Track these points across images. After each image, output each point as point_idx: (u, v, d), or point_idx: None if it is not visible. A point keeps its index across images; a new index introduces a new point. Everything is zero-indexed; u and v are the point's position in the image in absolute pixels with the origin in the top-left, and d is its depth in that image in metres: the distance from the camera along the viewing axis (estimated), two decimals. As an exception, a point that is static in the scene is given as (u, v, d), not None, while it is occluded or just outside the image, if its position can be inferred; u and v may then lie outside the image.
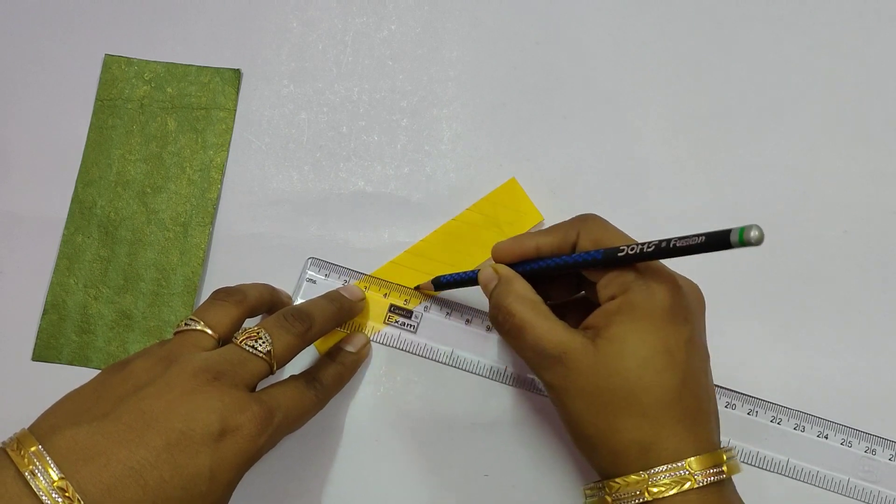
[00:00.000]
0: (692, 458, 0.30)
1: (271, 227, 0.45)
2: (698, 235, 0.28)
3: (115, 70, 0.47)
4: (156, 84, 0.46)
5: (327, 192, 0.45)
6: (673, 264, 0.33)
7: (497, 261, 0.37)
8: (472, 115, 0.46)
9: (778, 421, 0.40)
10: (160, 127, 0.46)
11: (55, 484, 0.27)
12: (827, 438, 0.40)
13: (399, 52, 0.47)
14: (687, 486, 0.30)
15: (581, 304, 0.38)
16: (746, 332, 0.42)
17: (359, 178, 0.45)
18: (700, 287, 0.34)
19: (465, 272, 0.40)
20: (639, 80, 0.46)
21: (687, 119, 0.45)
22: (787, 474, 0.40)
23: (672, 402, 0.31)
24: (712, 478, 0.30)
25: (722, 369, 0.42)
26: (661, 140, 0.45)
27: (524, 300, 0.34)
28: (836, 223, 0.44)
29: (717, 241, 0.28)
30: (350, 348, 0.40)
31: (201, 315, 0.35)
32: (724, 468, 0.31)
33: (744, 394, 0.41)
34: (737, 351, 0.42)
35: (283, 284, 0.43)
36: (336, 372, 0.38)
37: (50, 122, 0.46)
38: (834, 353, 0.42)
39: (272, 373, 0.34)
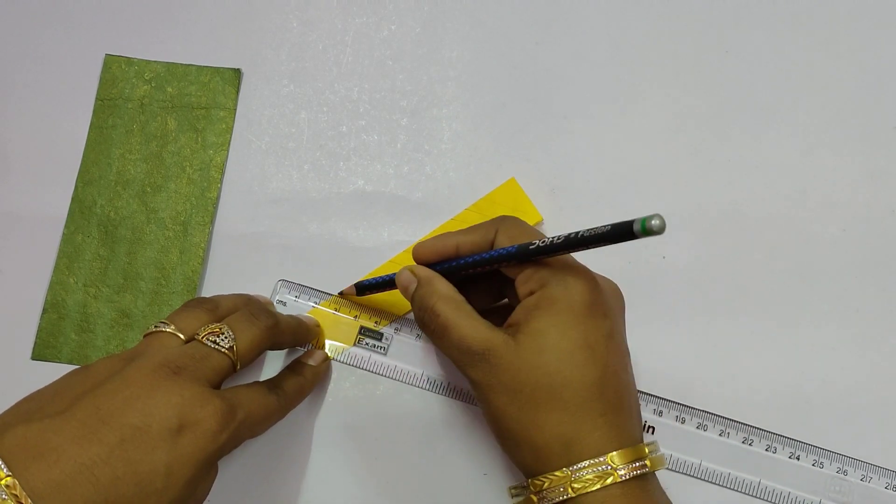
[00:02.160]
0: (614, 453, 0.30)
1: (271, 227, 0.45)
2: (605, 226, 0.29)
3: (115, 70, 0.47)
4: (156, 84, 0.47)
5: (327, 192, 0.45)
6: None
7: (418, 260, 0.37)
8: (472, 115, 0.46)
9: (749, 442, 0.40)
10: (160, 126, 0.46)
11: (2, 482, 0.26)
12: (798, 459, 0.40)
13: (399, 52, 0.47)
14: (609, 480, 0.30)
15: (505, 312, 0.39)
16: (744, 332, 0.42)
17: (359, 178, 0.45)
18: (619, 287, 0.35)
19: (384, 275, 0.40)
20: (639, 80, 0.46)
21: (686, 119, 0.45)
22: (758, 496, 0.39)
23: (593, 397, 0.31)
24: (635, 472, 0.30)
25: (720, 369, 0.42)
26: (660, 140, 0.45)
27: (447, 299, 0.34)
28: (835, 222, 0.44)
29: (622, 231, 0.28)
30: (311, 362, 0.40)
31: (172, 319, 0.34)
32: (647, 462, 0.31)
33: (715, 414, 0.41)
34: (736, 350, 0.42)
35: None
36: (297, 383, 0.38)
37: (50, 122, 0.46)
38: (833, 353, 0.42)
39: (235, 370, 0.34)
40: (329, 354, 0.42)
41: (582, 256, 0.35)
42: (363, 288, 0.41)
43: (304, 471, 0.41)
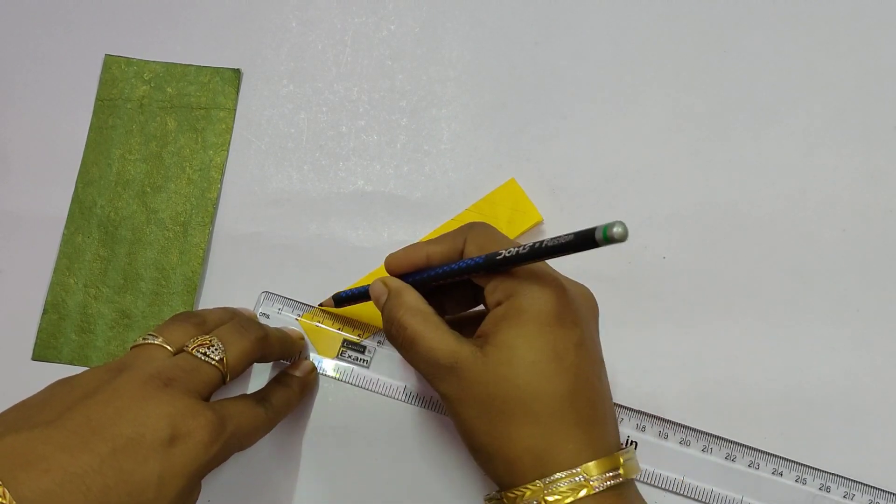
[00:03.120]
0: (588, 464, 0.30)
1: (271, 227, 0.45)
2: (567, 235, 0.28)
3: (115, 70, 0.47)
4: (155, 84, 0.47)
5: (327, 192, 0.45)
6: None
7: (390, 271, 0.36)
8: (471, 115, 0.46)
9: (732, 458, 0.40)
10: (160, 127, 0.46)
11: None
12: (781, 476, 0.40)
13: (399, 52, 0.47)
14: (583, 493, 0.29)
15: (480, 318, 0.38)
16: (744, 332, 0.42)
17: (358, 178, 0.45)
18: (592, 291, 0.34)
19: (361, 287, 0.39)
20: (638, 80, 0.46)
21: (686, 118, 0.45)
22: None
23: (564, 408, 0.30)
24: (609, 482, 0.30)
25: (720, 369, 0.42)
26: (660, 140, 0.45)
27: (415, 312, 0.33)
28: (835, 222, 0.44)
29: (584, 240, 0.27)
30: (297, 373, 0.40)
31: (160, 332, 0.34)
32: (621, 471, 0.30)
33: (698, 430, 0.40)
34: (736, 350, 0.42)
35: (281, 284, 0.44)
36: (285, 395, 0.38)
37: (50, 122, 0.46)
38: (833, 353, 0.42)
39: (225, 382, 0.34)
40: (314, 367, 0.42)
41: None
42: (341, 300, 0.41)
43: (296, 479, 0.41)
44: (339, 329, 0.43)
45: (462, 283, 0.35)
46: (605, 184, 0.45)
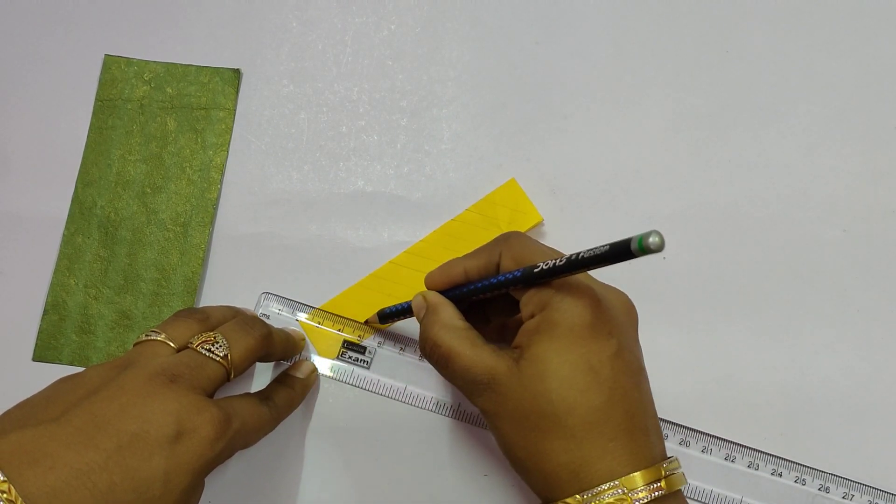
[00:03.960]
0: (629, 476, 0.29)
1: (271, 227, 0.45)
2: (603, 246, 0.28)
3: (114, 70, 0.47)
4: (156, 84, 0.47)
5: (327, 192, 0.45)
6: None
7: (430, 288, 0.36)
8: (472, 115, 0.46)
9: (732, 459, 0.40)
10: (160, 127, 0.46)
11: None
12: (781, 476, 0.40)
13: (399, 52, 0.47)
14: None
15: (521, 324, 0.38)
16: (744, 332, 0.42)
17: (358, 178, 0.45)
18: (629, 297, 0.34)
19: (403, 303, 0.39)
20: (638, 80, 0.46)
21: (686, 118, 0.45)
22: None
23: (599, 422, 0.30)
24: (653, 493, 0.29)
25: (720, 369, 0.42)
26: (660, 140, 0.45)
27: (449, 328, 0.33)
28: (835, 222, 0.44)
29: (620, 251, 0.27)
30: (299, 374, 0.40)
31: (163, 328, 0.34)
32: (663, 483, 0.29)
33: (697, 430, 0.40)
34: (736, 350, 0.42)
35: (282, 284, 0.44)
36: (287, 395, 0.38)
37: (50, 122, 0.46)
38: (833, 353, 0.42)
39: (229, 379, 0.34)
40: (315, 367, 0.42)
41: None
42: (385, 316, 0.41)
43: (298, 480, 0.41)
44: (339, 330, 0.43)
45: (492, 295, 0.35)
46: (605, 184, 0.45)
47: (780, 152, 0.45)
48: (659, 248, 0.26)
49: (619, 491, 0.29)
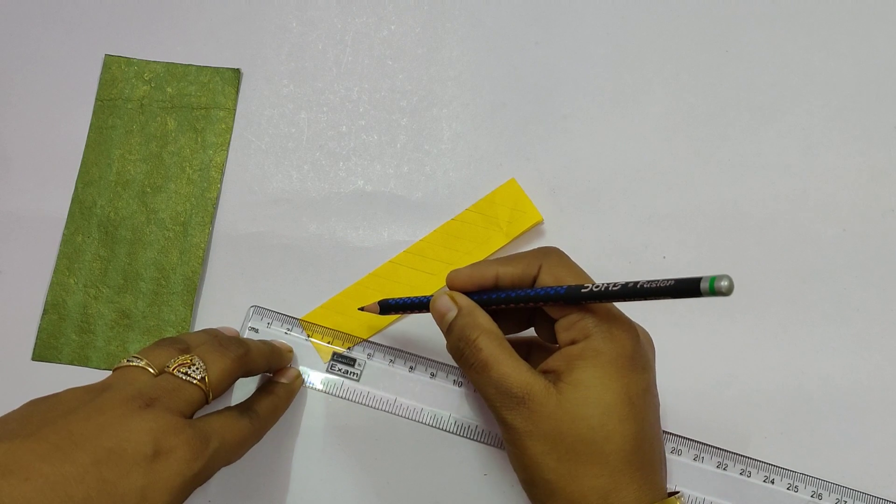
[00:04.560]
0: None
1: (271, 227, 0.45)
2: (667, 280, 0.28)
3: (115, 70, 0.47)
4: (156, 84, 0.47)
5: (327, 192, 0.45)
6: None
7: (453, 287, 0.36)
8: (472, 115, 0.46)
9: (724, 467, 0.40)
10: (160, 127, 0.46)
11: None
12: (773, 483, 0.40)
13: (399, 52, 0.47)
14: None
15: (529, 343, 0.38)
16: (744, 332, 0.42)
17: (358, 178, 0.45)
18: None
19: (416, 297, 0.38)
20: (639, 80, 0.46)
21: (686, 118, 0.45)
22: None
23: (632, 451, 0.31)
24: None
25: (720, 369, 0.42)
26: (660, 139, 0.45)
27: (490, 335, 0.33)
28: (835, 222, 0.44)
29: (687, 288, 0.27)
30: (283, 380, 0.40)
31: (143, 354, 0.34)
32: None
33: (690, 439, 0.41)
34: (736, 350, 0.42)
35: (281, 284, 0.44)
36: (271, 403, 0.38)
37: (50, 122, 0.46)
38: (833, 353, 0.42)
39: (208, 401, 0.34)
40: (300, 372, 0.42)
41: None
42: (388, 307, 0.39)
43: (286, 493, 0.41)
44: (328, 342, 0.43)
45: (522, 307, 0.35)
46: (605, 184, 0.45)
47: (780, 152, 0.45)
48: (729, 292, 0.25)
49: None
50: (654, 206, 0.44)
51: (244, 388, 0.42)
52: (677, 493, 0.32)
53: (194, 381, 0.33)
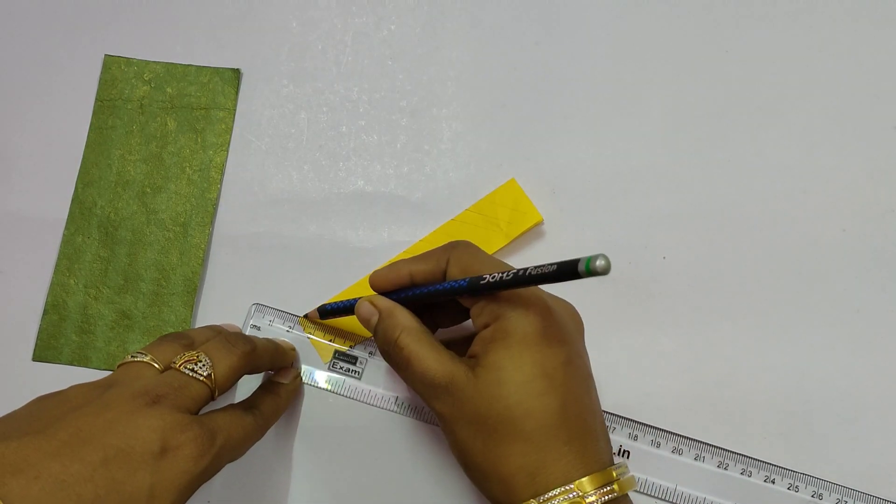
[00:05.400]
0: (582, 479, 0.30)
1: (271, 227, 0.45)
2: (551, 264, 0.29)
3: (114, 70, 0.47)
4: (156, 84, 0.47)
5: (327, 192, 0.45)
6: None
7: (374, 288, 0.37)
8: (472, 115, 0.46)
9: (725, 466, 0.40)
10: (160, 127, 0.46)
11: None
12: (774, 483, 0.40)
13: (399, 52, 0.47)
14: None
15: (473, 335, 0.39)
16: (744, 332, 0.42)
17: (358, 178, 0.45)
18: (577, 309, 0.35)
19: (346, 301, 0.40)
20: (639, 80, 0.46)
21: (686, 118, 0.45)
22: None
23: (555, 426, 0.31)
24: (605, 497, 0.30)
25: (720, 369, 0.42)
26: (660, 140, 0.45)
27: (410, 331, 0.34)
28: (835, 222, 0.44)
29: (567, 271, 0.28)
30: (283, 380, 0.40)
31: (148, 350, 0.34)
32: (615, 486, 0.30)
33: (691, 438, 0.41)
34: (736, 350, 0.42)
35: (281, 284, 0.44)
36: (273, 402, 0.38)
37: (50, 123, 0.46)
38: (833, 353, 0.42)
39: (214, 398, 0.34)
40: (300, 372, 0.42)
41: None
42: (325, 312, 0.41)
43: (287, 490, 0.41)
44: (330, 340, 0.43)
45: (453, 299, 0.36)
46: (605, 184, 0.45)
47: (780, 152, 0.45)
48: (605, 271, 0.27)
49: (574, 494, 0.30)
50: (654, 206, 0.44)
51: (246, 386, 0.42)
52: (618, 463, 0.32)
53: (200, 378, 0.33)
